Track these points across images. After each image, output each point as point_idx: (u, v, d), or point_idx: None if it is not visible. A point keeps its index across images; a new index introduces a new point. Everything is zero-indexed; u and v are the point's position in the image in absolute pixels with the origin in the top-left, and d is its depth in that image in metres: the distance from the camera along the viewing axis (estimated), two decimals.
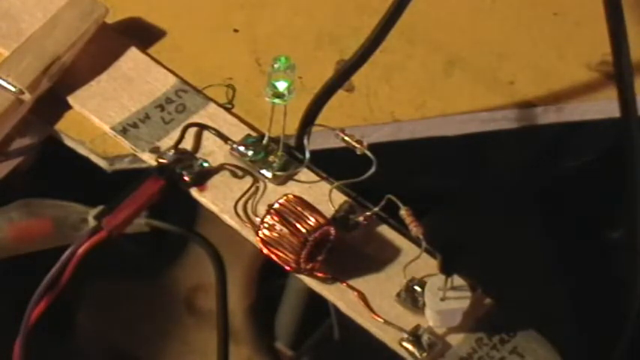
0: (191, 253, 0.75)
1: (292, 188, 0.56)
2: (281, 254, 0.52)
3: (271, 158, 0.57)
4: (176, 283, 0.75)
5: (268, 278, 0.79)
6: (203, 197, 0.56)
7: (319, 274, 0.53)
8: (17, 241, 0.58)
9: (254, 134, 0.58)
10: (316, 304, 0.61)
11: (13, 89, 0.58)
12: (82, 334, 0.73)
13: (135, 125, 0.59)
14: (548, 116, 0.62)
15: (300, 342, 0.82)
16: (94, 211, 0.57)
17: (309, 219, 0.51)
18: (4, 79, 0.58)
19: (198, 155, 0.57)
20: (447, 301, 0.51)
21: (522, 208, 0.73)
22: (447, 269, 0.51)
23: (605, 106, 0.62)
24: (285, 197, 0.52)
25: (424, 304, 0.52)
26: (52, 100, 0.60)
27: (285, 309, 0.81)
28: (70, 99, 0.60)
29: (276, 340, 0.82)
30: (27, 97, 0.58)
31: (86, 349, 0.74)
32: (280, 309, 0.81)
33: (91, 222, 0.56)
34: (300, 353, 0.82)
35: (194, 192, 0.56)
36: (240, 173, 0.57)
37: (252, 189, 0.56)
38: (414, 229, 0.53)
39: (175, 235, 0.59)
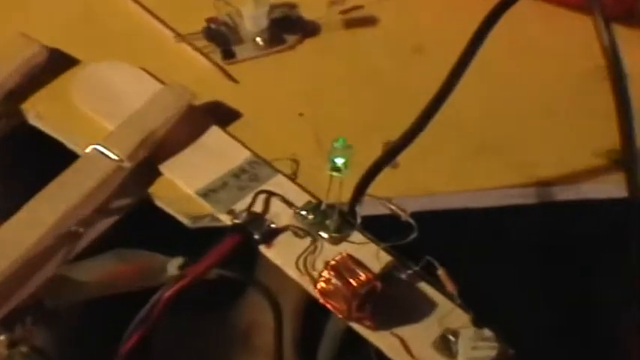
0: (247, 295, 0.73)
1: (345, 247, 0.56)
2: (335, 304, 0.53)
3: (328, 222, 0.57)
4: (236, 321, 0.73)
5: (310, 319, 0.78)
6: (270, 252, 0.56)
7: (367, 322, 0.53)
8: (109, 284, 0.58)
9: (314, 201, 0.59)
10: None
11: (115, 158, 0.59)
12: None
13: (215, 191, 0.59)
14: (564, 194, 0.62)
15: None
16: (174, 261, 0.57)
17: (360, 275, 0.52)
18: (108, 150, 0.59)
19: (266, 217, 0.58)
20: (477, 350, 0.51)
21: (534, 263, 0.71)
22: (478, 323, 0.52)
23: (613, 187, 0.62)
24: (340, 255, 0.53)
25: (457, 352, 0.52)
26: (146, 168, 0.61)
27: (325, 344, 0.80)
28: (162, 167, 0.61)
29: None
30: (126, 164, 0.59)
31: None
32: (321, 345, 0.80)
33: (170, 270, 0.56)
34: None
35: (262, 248, 0.57)
36: (301, 233, 0.57)
37: (311, 247, 0.56)
38: (450, 286, 0.53)
39: (234, 282, 0.58)
